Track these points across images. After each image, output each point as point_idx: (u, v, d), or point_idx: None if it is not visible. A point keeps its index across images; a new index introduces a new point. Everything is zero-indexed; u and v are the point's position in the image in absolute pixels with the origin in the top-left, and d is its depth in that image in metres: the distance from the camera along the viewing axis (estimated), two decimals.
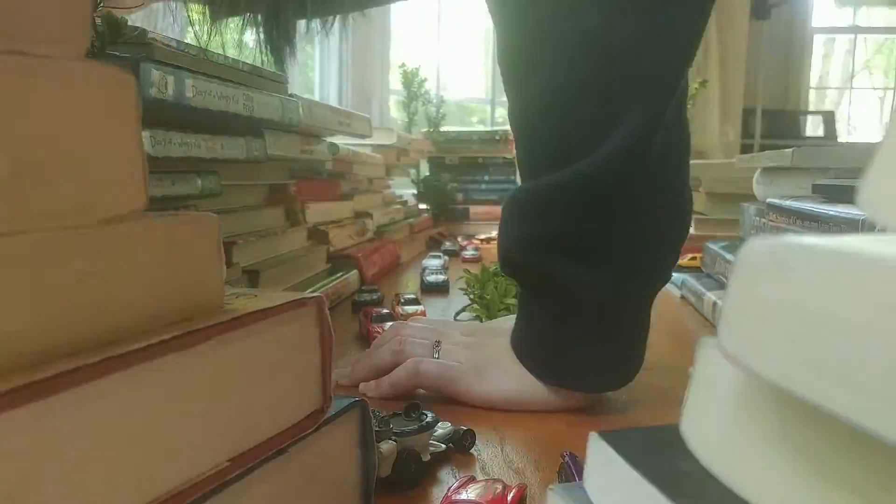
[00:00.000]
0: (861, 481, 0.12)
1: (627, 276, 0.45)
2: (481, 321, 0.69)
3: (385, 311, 0.67)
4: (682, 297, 0.91)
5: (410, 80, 1.73)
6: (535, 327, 0.48)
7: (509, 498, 0.31)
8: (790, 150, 0.72)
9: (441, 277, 0.94)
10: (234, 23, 0.67)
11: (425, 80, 1.79)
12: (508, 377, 0.48)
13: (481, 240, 1.54)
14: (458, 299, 0.83)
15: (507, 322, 0.52)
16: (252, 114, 0.62)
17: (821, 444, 0.12)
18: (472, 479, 0.33)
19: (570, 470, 0.33)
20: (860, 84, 4.20)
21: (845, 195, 0.58)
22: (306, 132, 0.83)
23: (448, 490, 0.32)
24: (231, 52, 0.63)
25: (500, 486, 0.32)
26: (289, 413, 0.24)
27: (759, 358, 0.13)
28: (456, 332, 0.53)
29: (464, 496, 0.31)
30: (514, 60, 0.47)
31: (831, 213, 0.55)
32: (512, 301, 0.70)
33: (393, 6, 2.13)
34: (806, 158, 0.71)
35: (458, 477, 0.35)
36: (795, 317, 0.12)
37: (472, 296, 0.75)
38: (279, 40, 0.67)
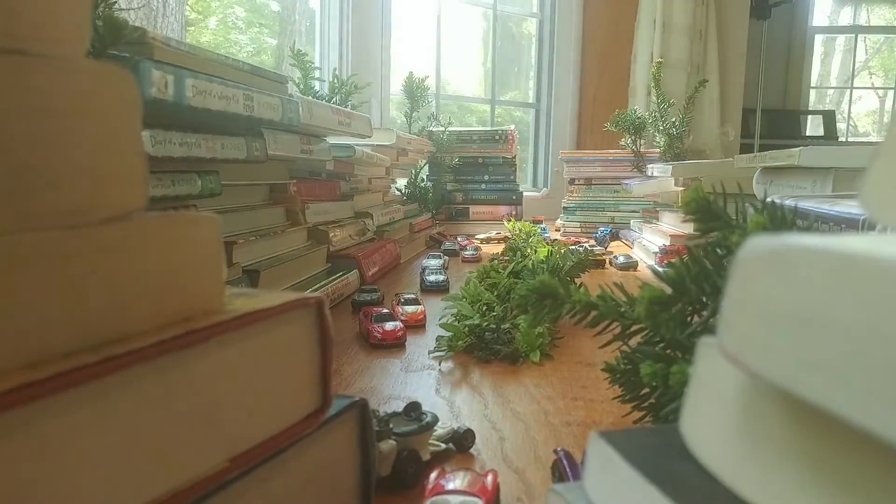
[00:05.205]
0: (861, 481, 0.12)
1: None
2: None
3: (385, 310, 0.67)
4: None
5: (414, 90, 1.71)
6: None
7: (490, 484, 0.31)
8: (797, 149, 0.71)
9: (441, 277, 0.94)
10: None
11: (428, 87, 1.78)
12: None
13: (481, 240, 1.54)
14: None
15: None
16: (252, 114, 0.62)
17: (820, 444, 0.12)
18: (444, 472, 0.32)
19: (562, 465, 0.33)
20: (860, 83, 4.20)
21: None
22: (306, 132, 0.83)
23: (428, 484, 0.31)
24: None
25: (477, 475, 0.31)
26: (289, 413, 0.24)
27: (759, 358, 0.13)
28: None
29: (451, 486, 0.30)
30: None
31: (831, 212, 0.55)
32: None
33: (391, 5, 2.13)
34: (813, 158, 0.70)
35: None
36: (795, 317, 0.12)
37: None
38: None
